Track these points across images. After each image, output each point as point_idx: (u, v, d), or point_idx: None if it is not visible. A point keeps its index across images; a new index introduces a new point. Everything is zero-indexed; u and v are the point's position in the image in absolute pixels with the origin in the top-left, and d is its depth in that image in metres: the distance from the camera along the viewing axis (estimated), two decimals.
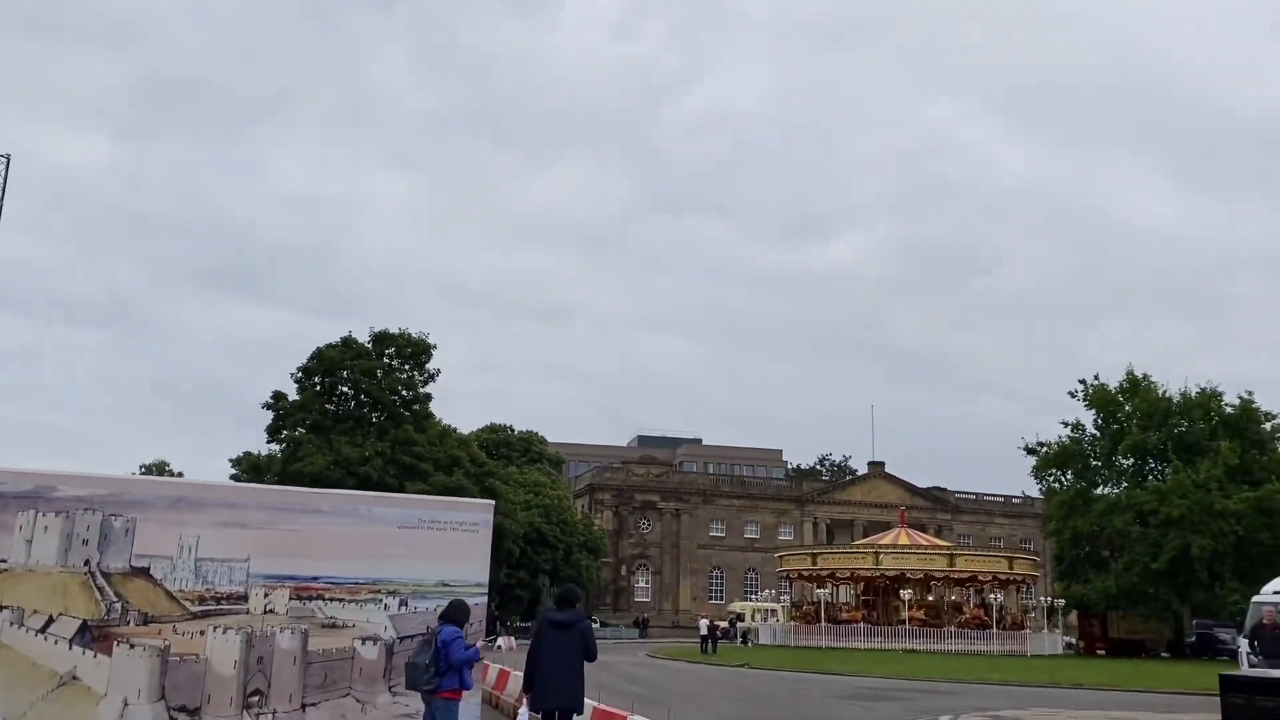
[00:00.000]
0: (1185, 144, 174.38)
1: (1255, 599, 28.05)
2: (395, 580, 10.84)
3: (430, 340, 57.41)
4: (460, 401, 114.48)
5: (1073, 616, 63.74)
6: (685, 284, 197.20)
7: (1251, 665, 26.24)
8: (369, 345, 56.73)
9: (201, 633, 10.00)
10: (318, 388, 56.11)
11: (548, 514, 73.65)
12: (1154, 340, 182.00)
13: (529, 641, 10.48)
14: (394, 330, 57.22)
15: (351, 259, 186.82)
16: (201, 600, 10.13)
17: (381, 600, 10.74)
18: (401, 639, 10.80)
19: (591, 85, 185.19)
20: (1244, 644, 27.20)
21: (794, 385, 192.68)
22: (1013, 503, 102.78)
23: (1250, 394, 58.53)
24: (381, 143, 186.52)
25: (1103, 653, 57.91)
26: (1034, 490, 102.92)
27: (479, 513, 11.46)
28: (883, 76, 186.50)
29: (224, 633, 10.09)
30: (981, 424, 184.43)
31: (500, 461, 75.07)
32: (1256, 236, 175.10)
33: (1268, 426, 57.89)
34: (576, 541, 76.10)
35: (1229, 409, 58.59)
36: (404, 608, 10.82)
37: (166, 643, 9.84)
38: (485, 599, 11.24)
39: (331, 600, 10.57)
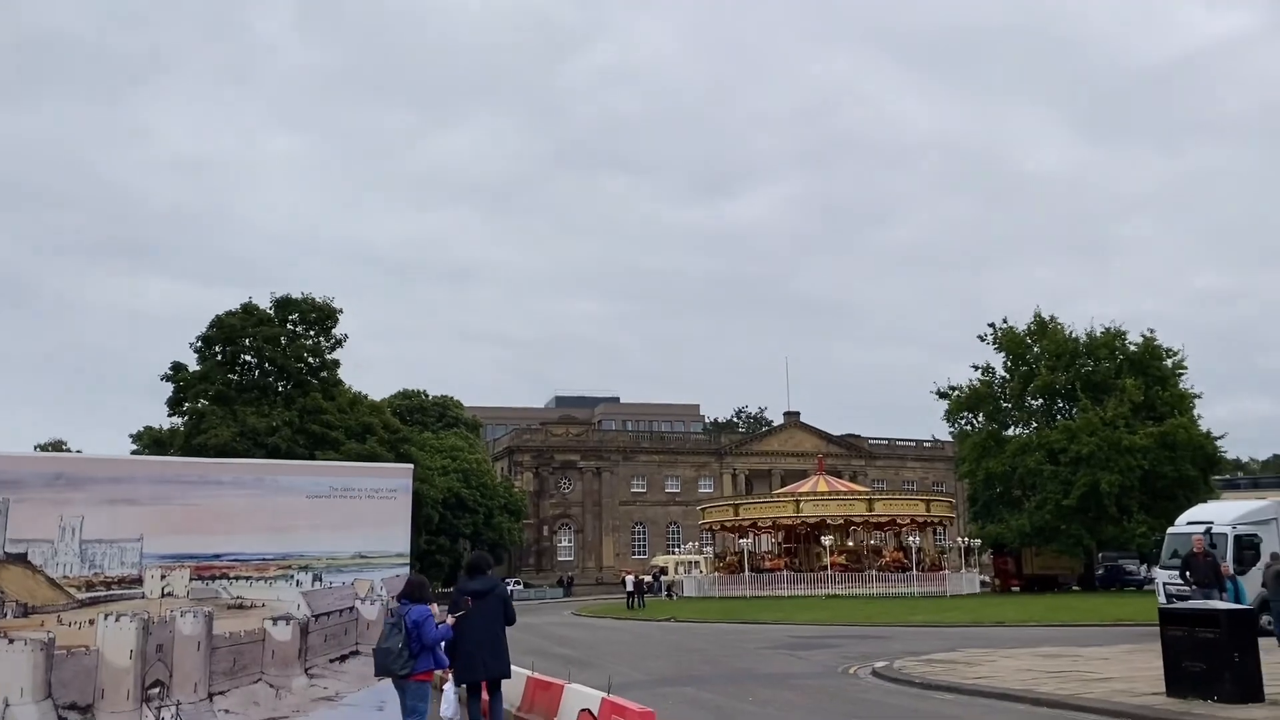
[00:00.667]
0: (1079, 93, 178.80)
1: (1171, 530, 28.73)
2: (307, 554, 9.95)
3: (336, 305, 55.59)
4: (371, 369, 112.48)
5: (987, 555, 65.38)
6: (597, 242, 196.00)
7: (1171, 597, 26.90)
8: (271, 312, 54.64)
9: (91, 622, 9.02)
10: (219, 357, 53.95)
11: (466, 478, 72.59)
12: (1051, 284, 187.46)
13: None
14: (297, 295, 55.21)
15: (247, 224, 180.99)
16: (89, 586, 9.13)
17: (293, 576, 9.85)
18: (317, 616, 9.95)
19: (492, 41, 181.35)
20: (1161, 575, 27.88)
21: (709, 341, 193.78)
22: (924, 447, 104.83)
23: (1152, 331, 60.30)
24: (271, 102, 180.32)
25: (1017, 589, 59.47)
26: (944, 434, 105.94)
27: (397, 478, 10.61)
28: (786, 31, 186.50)
29: (116, 620, 9.12)
30: (890, 371, 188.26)
31: (415, 428, 73.62)
32: (1146, 182, 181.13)
33: (1169, 363, 59.68)
34: (497, 504, 75.28)
35: (1133, 347, 60.25)
36: (318, 583, 9.95)
37: (50, 635, 8.85)
38: (407, 569, 10.44)
39: (237, 579, 9.66)
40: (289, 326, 55.02)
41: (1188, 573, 19.73)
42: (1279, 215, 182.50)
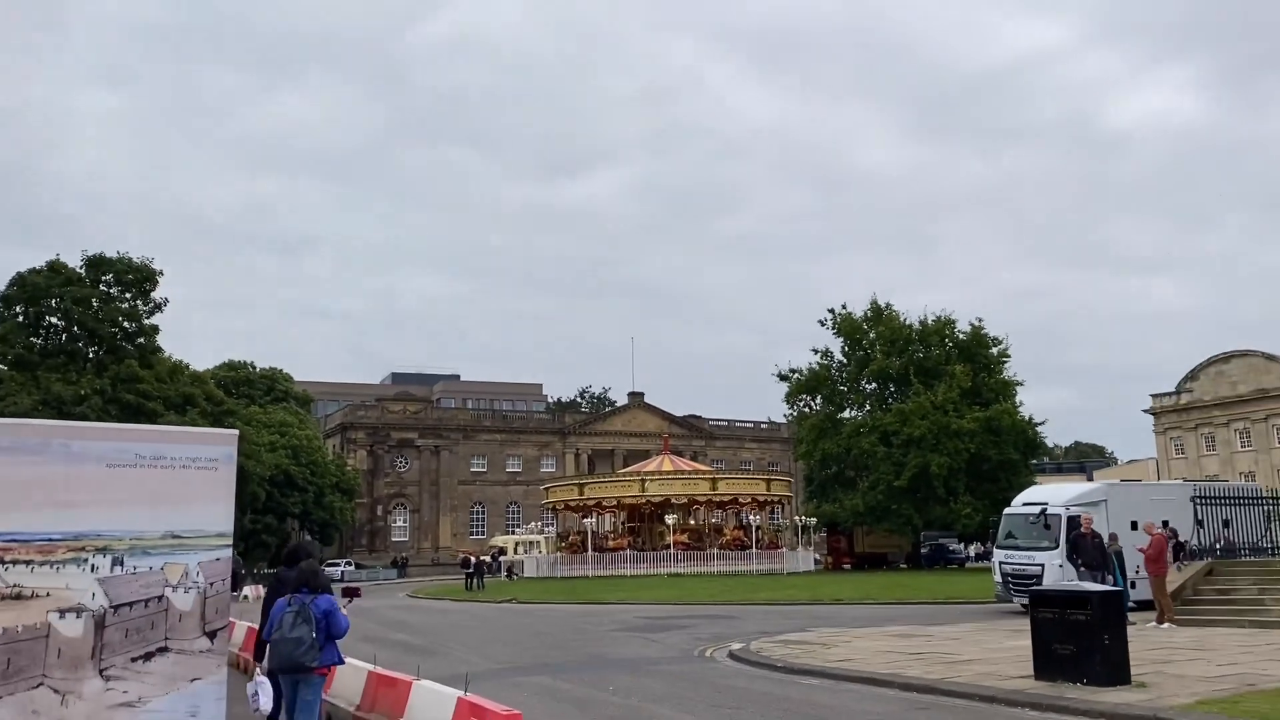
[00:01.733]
0: (908, 95, 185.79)
1: (1007, 512, 29.42)
2: (106, 534, 8.31)
3: (156, 266, 51.46)
4: (196, 340, 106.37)
5: (820, 534, 66.87)
6: (437, 217, 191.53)
7: (1007, 577, 27.56)
8: (82, 272, 50.11)
9: None
10: (20, 318, 49.17)
11: (296, 455, 69.12)
12: (879, 275, 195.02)
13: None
14: (112, 255, 50.81)
15: (58, 181, 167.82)
16: None
17: (87, 560, 8.20)
18: (116, 608, 8.34)
19: (331, 5, 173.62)
20: (999, 554, 28.50)
21: (551, 321, 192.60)
22: (761, 428, 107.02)
23: (980, 320, 62.87)
24: (86, 54, 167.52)
25: (848, 567, 61.06)
26: (779, 416, 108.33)
27: (218, 445, 9.01)
28: (630, 15, 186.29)
29: None
30: (727, 355, 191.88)
31: (241, 401, 69.51)
32: (965, 181, 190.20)
33: (994, 351, 62.32)
34: (328, 483, 72.07)
35: (961, 335, 62.60)
36: (119, 568, 8.33)
37: None
38: (230, 552, 8.94)
39: (14, 563, 7.95)
40: (102, 289, 50.61)
41: (1075, 555, 18.59)
42: (1082, 219, 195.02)
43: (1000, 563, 28.13)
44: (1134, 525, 26.02)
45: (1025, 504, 28.79)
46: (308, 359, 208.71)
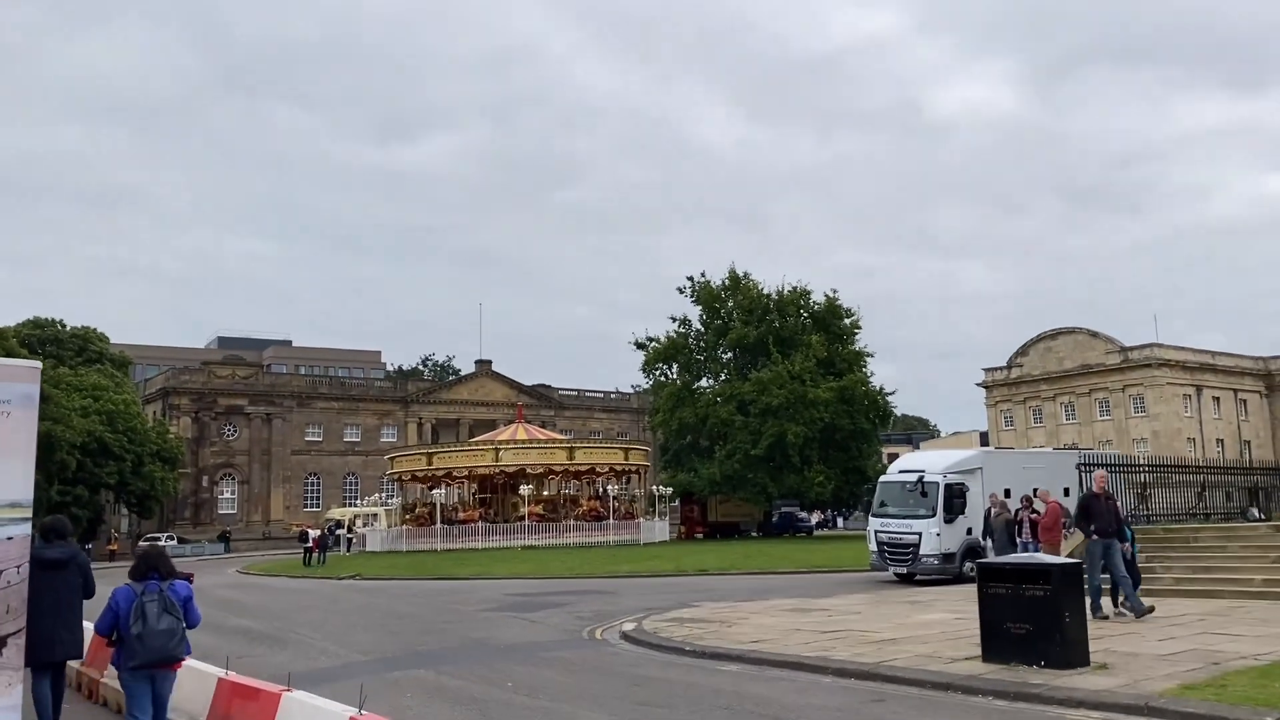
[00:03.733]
0: (746, 75, 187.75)
1: (883, 479, 28.83)
2: None
3: None
4: None
5: (674, 503, 66.15)
6: (265, 177, 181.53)
7: (883, 545, 26.88)
8: None
9: None
10: None
11: (111, 421, 63.32)
12: (716, 250, 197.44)
13: None
14: None
15: None
16: None
17: None
18: None
19: None
20: (874, 523, 27.70)
21: (386, 288, 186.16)
22: (610, 398, 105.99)
23: (835, 291, 63.14)
24: None
25: (701, 536, 60.54)
26: (625, 387, 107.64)
27: (11, 382, 6.57)
28: None
29: None
30: (568, 327, 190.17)
31: (49, 362, 63.02)
32: (799, 161, 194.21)
33: (847, 322, 62.74)
34: (148, 451, 66.40)
35: (816, 306, 62.76)
36: None
37: None
38: (28, 529, 6.55)
39: None
40: None
41: (1088, 520, 15.37)
42: (908, 201, 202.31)
43: (875, 531, 27.48)
44: (1007, 493, 25.76)
45: (901, 471, 28.20)
46: (123, 322, 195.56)
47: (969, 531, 26.08)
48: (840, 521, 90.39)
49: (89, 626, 8.25)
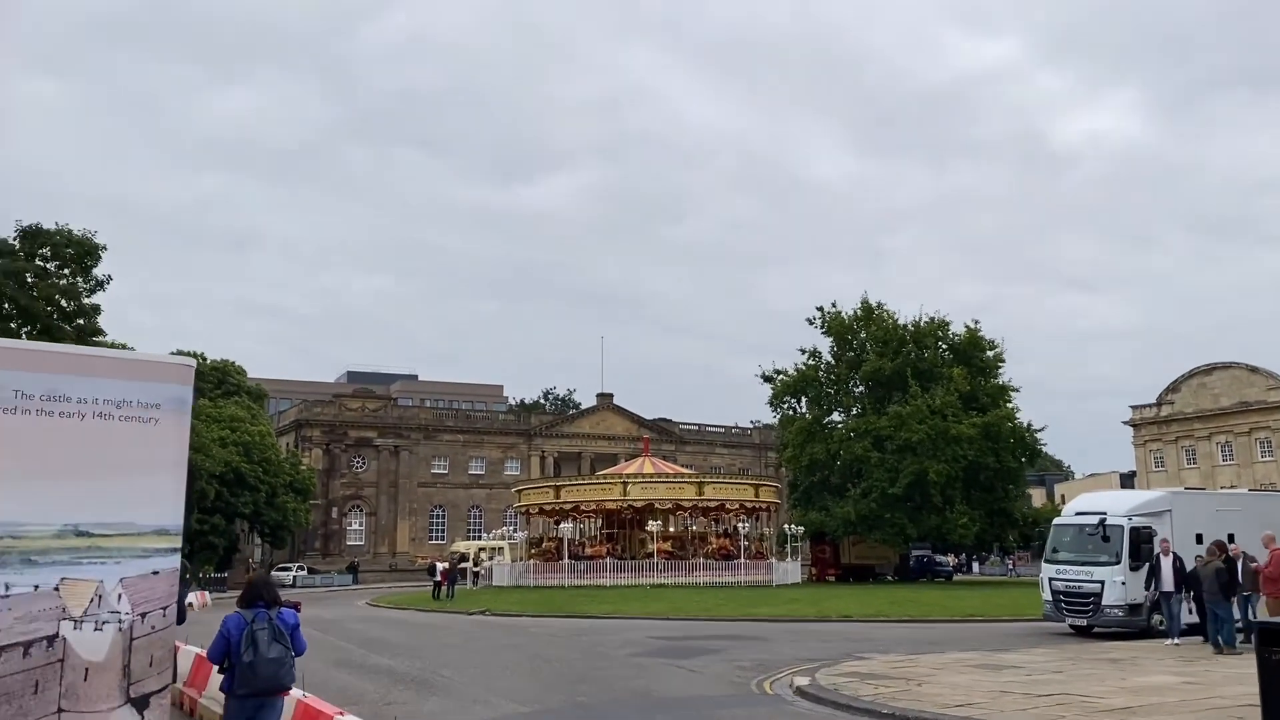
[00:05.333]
0: (857, 109, 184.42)
1: (1057, 522, 26.54)
2: None
3: (98, 240, 46.96)
4: (135, 337, 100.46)
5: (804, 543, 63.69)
6: (388, 218, 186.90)
7: (1057, 594, 24.49)
8: (15, 243, 45.53)
9: None
10: None
11: (247, 452, 64.54)
12: (827, 286, 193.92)
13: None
14: (50, 227, 46.28)
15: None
16: None
17: None
18: None
19: (283, 1, 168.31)
20: (1048, 570, 25.34)
21: (505, 325, 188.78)
22: (732, 433, 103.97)
23: (977, 322, 60.24)
24: (24, 41, 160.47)
25: (833, 578, 57.96)
26: (744, 422, 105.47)
27: (161, 382, 5.44)
28: (586, 19, 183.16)
29: None
30: (681, 361, 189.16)
31: None
32: (914, 196, 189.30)
33: (990, 354, 59.67)
34: (281, 482, 67.48)
35: (955, 337, 59.95)
36: None
37: None
38: (177, 561, 5.41)
39: None
40: (38, 263, 46.02)
41: None
42: (1025, 234, 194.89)
43: (1050, 579, 25.09)
44: (1198, 538, 23.18)
45: (1079, 513, 25.75)
46: (256, 358, 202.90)
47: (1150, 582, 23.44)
48: (975, 566, 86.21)
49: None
